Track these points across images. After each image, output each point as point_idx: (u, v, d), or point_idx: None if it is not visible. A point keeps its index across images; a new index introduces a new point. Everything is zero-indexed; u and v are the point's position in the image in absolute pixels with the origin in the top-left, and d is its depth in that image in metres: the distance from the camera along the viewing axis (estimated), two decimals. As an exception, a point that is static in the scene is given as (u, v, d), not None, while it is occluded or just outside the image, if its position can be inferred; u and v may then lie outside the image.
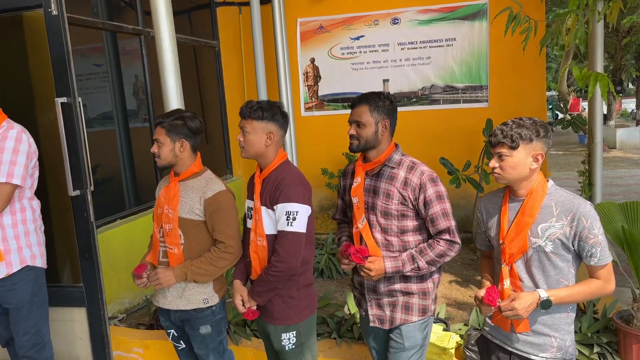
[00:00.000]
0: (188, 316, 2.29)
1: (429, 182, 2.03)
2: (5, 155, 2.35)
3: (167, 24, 3.06)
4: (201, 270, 2.22)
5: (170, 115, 2.27)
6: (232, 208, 2.27)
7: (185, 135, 2.26)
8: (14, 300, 2.45)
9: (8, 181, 2.35)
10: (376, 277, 2.05)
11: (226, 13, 5.82)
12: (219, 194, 2.23)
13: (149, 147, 4.76)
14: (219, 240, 2.23)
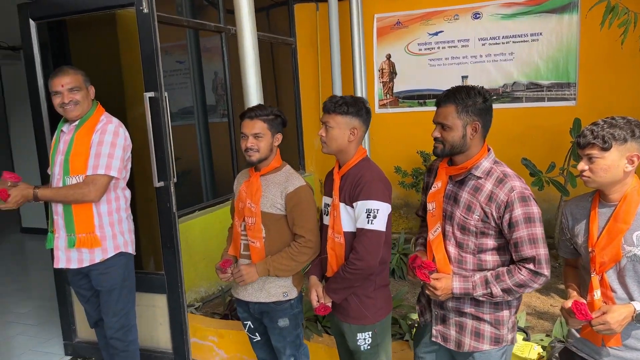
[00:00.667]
0: (267, 308, 2.32)
1: (519, 201, 1.74)
2: (104, 148, 2.49)
3: (249, 22, 3.10)
4: (283, 265, 2.24)
5: (261, 109, 2.28)
6: (311, 203, 2.28)
7: (280, 130, 2.30)
8: (107, 284, 2.59)
9: (106, 173, 2.48)
10: (443, 296, 1.85)
11: (304, 10, 5.86)
12: (299, 188, 2.24)
13: (227, 142, 4.95)
14: (299, 235, 2.23)
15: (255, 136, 2.22)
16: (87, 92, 2.58)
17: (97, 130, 2.53)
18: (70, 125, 2.59)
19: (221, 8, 4.72)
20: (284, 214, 2.26)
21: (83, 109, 2.55)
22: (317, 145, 6.11)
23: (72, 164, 2.50)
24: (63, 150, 2.54)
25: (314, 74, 5.97)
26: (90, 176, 2.47)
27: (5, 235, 6.51)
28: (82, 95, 2.54)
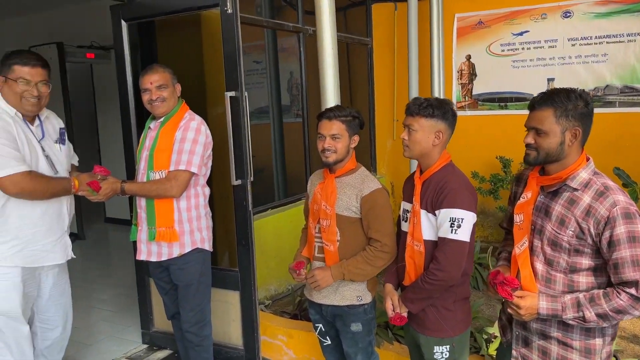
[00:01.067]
0: (341, 312, 2.29)
1: (622, 218, 1.58)
2: (186, 145, 2.54)
3: (329, 24, 3.07)
4: (358, 269, 2.20)
5: (340, 110, 2.25)
6: (387, 206, 2.23)
7: (357, 132, 2.26)
8: (184, 279, 2.65)
9: (187, 169, 2.54)
10: (527, 316, 1.71)
11: (381, 10, 5.78)
12: (375, 191, 2.20)
13: (300, 142, 4.96)
14: (374, 239, 2.18)
15: (333, 137, 2.20)
16: (173, 89, 2.65)
17: (180, 127, 2.59)
18: (156, 122, 2.67)
19: (300, 8, 4.74)
20: (359, 217, 2.21)
21: (169, 106, 2.63)
22: (389, 147, 6.01)
23: (156, 160, 2.58)
24: (148, 146, 2.63)
25: (389, 74, 5.87)
26: (172, 172, 2.54)
27: (90, 225, 6.91)
28: (168, 93, 2.61)
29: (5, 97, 2.34)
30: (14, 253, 2.32)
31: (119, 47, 3.21)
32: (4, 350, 2.37)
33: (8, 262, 2.32)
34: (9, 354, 2.38)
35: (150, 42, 3.38)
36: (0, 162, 2.19)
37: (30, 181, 2.25)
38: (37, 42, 6.54)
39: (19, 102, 2.33)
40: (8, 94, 2.33)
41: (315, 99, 5.03)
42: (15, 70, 2.32)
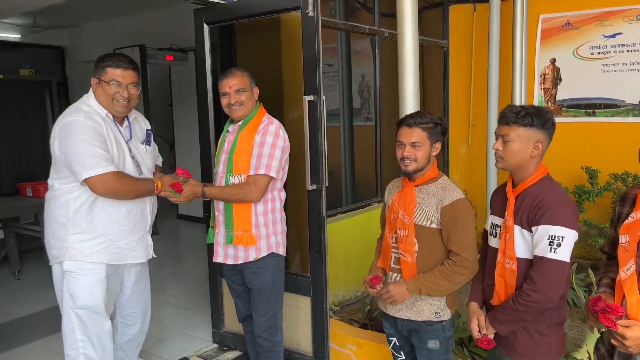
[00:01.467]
0: (417, 327, 2.19)
1: None
2: (265, 149, 2.53)
3: (411, 28, 2.98)
4: (435, 285, 2.10)
5: (420, 116, 2.17)
6: (470, 218, 2.11)
7: (439, 139, 2.17)
8: (258, 283, 2.64)
9: (267, 173, 2.53)
10: (635, 348, 1.55)
11: (459, 11, 5.58)
12: (457, 202, 2.09)
13: (370, 146, 4.87)
14: (454, 252, 2.08)
15: (413, 145, 2.12)
16: (251, 93, 2.64)
17: (259, 131, 2.58)
18: (234, 126, 2.67)
19: (376, 11, 4.65)
20: (439, 228, 2.11)
21: (247, 110, 2.62)
22: (463, 153, 5.79)
23: (235, 163, 2.58)
24: (227, 150, 2.64)
25: (465, 78, 5.66)
26: (252, 176, 2.53)
27: (163, 221, 7.14)
28: (247, 96, 2.61)
29: (97, 99, 2.42)
30: (99, 250, 2.40)
31: (200, 49, 3.26)
32: (86, 344, 2.45)
33: (94, 258, 2.39)
34: (91, 347, 2.46)
35: (230, 45, 3.41)
36: (90, 162, 2.24)
37: (117, 181, 2.30)
38: (120, 45, 6.85)
39: (111, 103, 2.40)
40: (101, 95, 2.41)
41: (389, 103, 4.93)
42: (108, 72, 2.39)
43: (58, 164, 2.36)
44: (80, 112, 2.34)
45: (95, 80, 2.41)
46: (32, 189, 4.84)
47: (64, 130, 2.28)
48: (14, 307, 4.34)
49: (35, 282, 4.95)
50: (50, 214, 2.43)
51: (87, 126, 2.29)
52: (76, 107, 2.40)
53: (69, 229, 2.36)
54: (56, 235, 2.40)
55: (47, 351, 3.51)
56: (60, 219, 2.37)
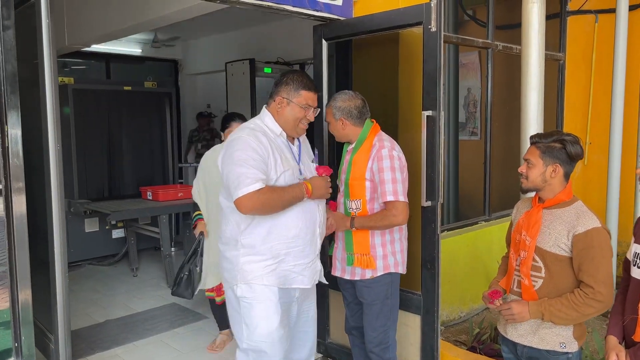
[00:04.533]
0: (539, 355, 2.08)
1: None
2: (386, 175, 2.52)
3: (538, 42, 2.87)
4: (561, 313, 1.98)
5: (549, 136, 2.08)
6: (607, 249, 1.97)
7: (561, 161, 2.05)
8: (368, 297, 2.65)
9: (396, 199, 2.51)
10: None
11: (579, 22, 5.28)
12: (593, 230, 1.96)
13: (474, 161, 4.72)
14: (586, 284, 1.95)
15: (527, 162, 2.08)
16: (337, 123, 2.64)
17: (372, 157, 2.57)
18: (350, 146, 2.70)
19: (490, 23, 4.53)
20: (569, 256, 1.99)
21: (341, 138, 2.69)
22: (578, 173, 5.44)
23: (351, 189, 2.63)
24: (344, 171, 2.68)
25: (583, 93, 5.33)
26: (387, 203, 2.53)
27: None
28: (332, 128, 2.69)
29: (278, 118, 2.28)
30: (269, 272, 2.24)
31: (318, 64, 3.34)
32: None
33: (264, 280, 2.23)
34: None
35: (346, 60, 3.47)
36: (243, 181, 2.09)
37: (260, 196, 2.11)
38: (230, 59, 7.23)
39: (294, 125, 2.29)
40: (285, 116, 2.28)
41: (499, 118, 4.77)
42: (303, 95, 2.26)
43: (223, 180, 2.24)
44: (245, 129, 2.23)
45: (285, 100, 2.26)
46: (152, 192, 5.22)
47: (229, 146, 2.18)
48: (132, 302, 4.68)
49: (151, 279, 5.31)
50: (222, 235, 2.31)
51: (246, 144, 2.15)
52: (245, 124, 2.32)
53: (239, 250, 2.23)
54: (228, 257, 2.28)
55: (165, 346, 3.74)
56: (231, 240, 2.26)
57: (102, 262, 5.79)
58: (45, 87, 2.13)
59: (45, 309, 2.44)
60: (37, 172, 2.37)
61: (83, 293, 4.84)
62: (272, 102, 2.30)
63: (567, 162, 2.06)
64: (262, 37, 7.38)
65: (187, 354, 3.62)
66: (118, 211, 4.84)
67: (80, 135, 5.47)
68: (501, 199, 4.76)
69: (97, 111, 5.67)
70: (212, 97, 8.91)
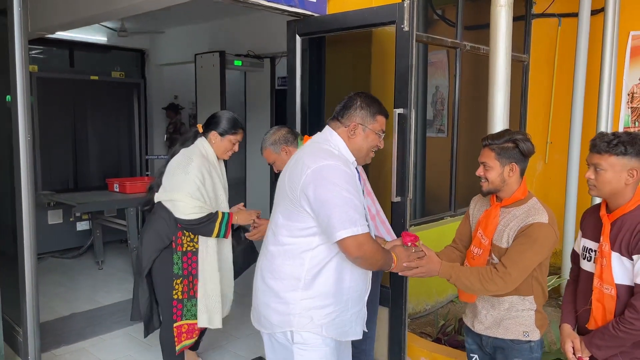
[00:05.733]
0: (504, 345, 2.17)
1: None
2: None
3: (505, 43, 2.96)
4: (467, 281, 2.03)
5: (500, 136, 2.12)
6: (540, 244, 2.00)
7: (516, 159, 2.08)
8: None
9: None
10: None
11: (543, 25, 5.46)
12: (536, 224, 1.99)
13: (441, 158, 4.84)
14: (502, 264, 2.01)
15: (483, 165, 2.10)
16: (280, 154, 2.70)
17: None
18: None
19: (459, 24, 4.64)
20: None
21: None
22: (539, 171, 5.65)
23: None
24: None
25: (545, 94, 5.52)
26: None
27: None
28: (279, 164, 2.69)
29: (350, 144, 2.02)
30: (328, 321, 1.93)
31: (292, 59, 3.37)
32: None
33: (323, 331, 1.92)
34: None
35: (319, 55, 3.51)
36: (352, 218, 1.81)
37: (371, 246, 1.86)
38: (200, 50, 7.16)
39: (366, 154, 2.07)
40: (357, 143, 2.02)
41: (465, 116, 4.90)
42: (379, 121, 2.04)
43: (297, 213, 1.89)
44: (334, 157, 1.91)
45: (360, 127, 2.00)
46: (119, 184, 5.14)
47: (323, 176, 1.83)
48: (99, 295, 4.61)
49: (117, 273, 5.24)
50: (276, 272, 1.95)
51: (348, 175, 1.87)
52: (323, 149, 1.96)
53: (300, 292, 1.90)
54: (283, 298, 1.92)
55: (132, 339, 3.72)
56: (291, 279, 1.91)
57: (66, 254, 5.68)
58: (17, 76, 2.07)
59: (12, 302, 2.40)
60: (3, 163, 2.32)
61: (46, 286, 4.74)
62: (342, 127, 2.01)
63: (521, 160, 2.09)
64: (232, 29, 7.33)
65: (156, 346, 3.59)
66: (84, 203, 4.75)
67: (44, 124, 5.34)
68: (466, 195, 4.90)
69: (62, 100, 5.54)
70: (179, 89, 8.81)
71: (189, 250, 2.77)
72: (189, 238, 2.77)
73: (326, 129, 2.05)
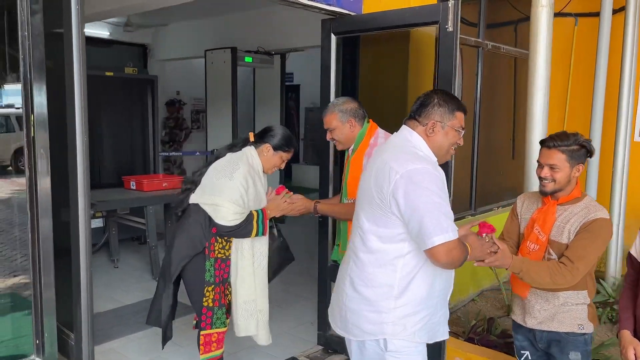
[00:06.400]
0: (559, 337, 2.23)
1: None
2: None
3: (546, 44, 2.97)
4: (537, 275, 2.10)
5: (565, 138, 2.16)
6: (602, 239, 2.14)
7: (583, 161, 2.18)
8: None
9: None
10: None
11: (558, 25, 5.45)
12: (599, 219, 2.11)
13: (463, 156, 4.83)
14: (568, 258, 2.09)
15: (551, 167, 2.14)
16: (345, 126, 2.67)
17: (366, 153, 2.60)
18: (349, 150, 2.74)
19: (481, 23, 4.64)
20: None
21: (347, 142, 2.69)
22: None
23: (349, 188, 2.66)
24: (345, 173, 2.72)
25: (561, 93, 5.54)
26: None
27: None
28: (338, 133, 2.68)
29: (430, 143, 1.93)
30: (421, 327, 1.89)
31: (326, 58, 3.34)
32: None
33: (416, 337, 1.89)
34: None
35: (353, 54, 3.48)
36: (444, 224, 1.74)
37: (459, 248, 1.79)
38: (209, 47, 7.08)
39: (446, 152, 1.97)
40: (437, 141, 1.93)
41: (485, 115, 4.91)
42: (458, 117, 1.95)
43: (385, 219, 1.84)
44: (421, 159, 1.84)
45: (438, 124, 1.91)
46: (136, 182, 5.08)
47: (413, 181, 1.77)
48: (117, 293, 4.56)
49: (134, 271, 5.19)
50: (368, 280, 1.90)
51: (437, 179, 1.80)
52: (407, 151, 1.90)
53: (393, 300, 1.86)
54: (376, 307, 1.88)
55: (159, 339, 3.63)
56: (384, 287, 1.87)
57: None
58: (74, 73, 2.01)
59: (61, 304, 2.36)
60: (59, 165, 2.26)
61: (64, 285, 4.68)
62: (420, 127, 1.93)
63: (584, 162, 2.20)
64: (241, 25, 7.26)
65: (186, 347, 3.57)
66: (104, 201, 4.69)
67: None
68: (485, 195, 4.92)
69: (75, 96, 5.45)
70: (181, 85, 8.72)
71: (219, 257, 2.70)
72: (222, 245, 2.68)
73: (404, 129, 1.98)
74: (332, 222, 3.46)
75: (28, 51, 1.92)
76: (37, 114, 1.95)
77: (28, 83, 1.92)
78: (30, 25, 1.91)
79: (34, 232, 2.04)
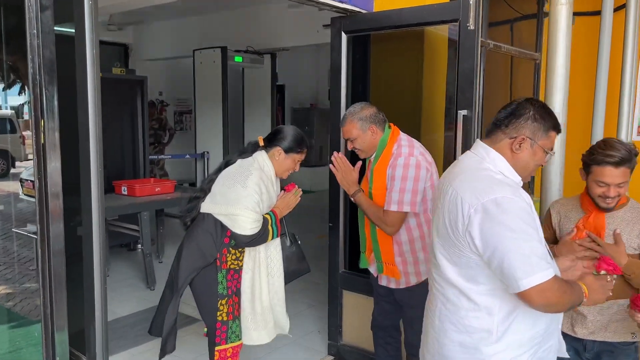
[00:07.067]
0: (612, 348, 2.19)
1: None
2: (395, 184, 2.45)
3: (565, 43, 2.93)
4: None
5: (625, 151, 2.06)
6: None
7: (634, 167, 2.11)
8: (411, 301, 2.57)
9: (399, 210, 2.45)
10: None
11: (555, 23, 5.46)
12: None
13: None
14: None
15: (619, 185, 2.05)
16: (366, 134, 2.54)
17: (389, 164, 2.51)
18: (371, 158, 2.63)
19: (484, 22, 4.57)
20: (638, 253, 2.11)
21: (371, 150, 2.58)
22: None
23: (374, 199, 2.56)
24: (368, 180, 2.61)
25: (557, 92, 5.54)
26: (385, 211, 2.48)
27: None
28: (360, 142, 2.56)
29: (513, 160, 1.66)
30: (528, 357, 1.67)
31: (337, 58, 3.22)
32: None
33: None
34: None
35: (364, 54, 3.37)
36: (528, 265, 1.49)
37: (556, 289, 1.53)
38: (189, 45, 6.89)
39: (530, 173, 1.71)
40: (523, 160, 1.66)
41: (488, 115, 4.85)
42: (551, 137, 1.69)
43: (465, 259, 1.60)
44: (500, 185, 1.58)
45: (528, 141, 1.64)
46: (128, 187, 4.87)
47: (491, 216, 1.52)
48: (113, 304, 4.33)
49: (126, 280, 4.99)
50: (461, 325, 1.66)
51: (520, 209, 1.54)
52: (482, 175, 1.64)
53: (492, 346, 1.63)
54: (473, 354, 1.65)
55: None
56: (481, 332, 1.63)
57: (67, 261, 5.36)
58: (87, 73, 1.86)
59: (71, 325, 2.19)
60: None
61: (54, 297, 4.44)
62: (506, 139, 1.66)
63: None
64: (229, 24, 7.10)
65: (190, 360, 3.42)
66: (96, 208, 4.46)
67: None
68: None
69: (60, 98, 5.20)
70: (164, 85, 8.51)
71: (231, 268, 2.58)
72: (235, 256, 2.57)
73: (479, 146, 1.70)
74: (344, 228, 3.35)
75: (37, 50, 1.75)
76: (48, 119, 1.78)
77: (37, 85, 1.75)
78: (40, 22, 1.74)
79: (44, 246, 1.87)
